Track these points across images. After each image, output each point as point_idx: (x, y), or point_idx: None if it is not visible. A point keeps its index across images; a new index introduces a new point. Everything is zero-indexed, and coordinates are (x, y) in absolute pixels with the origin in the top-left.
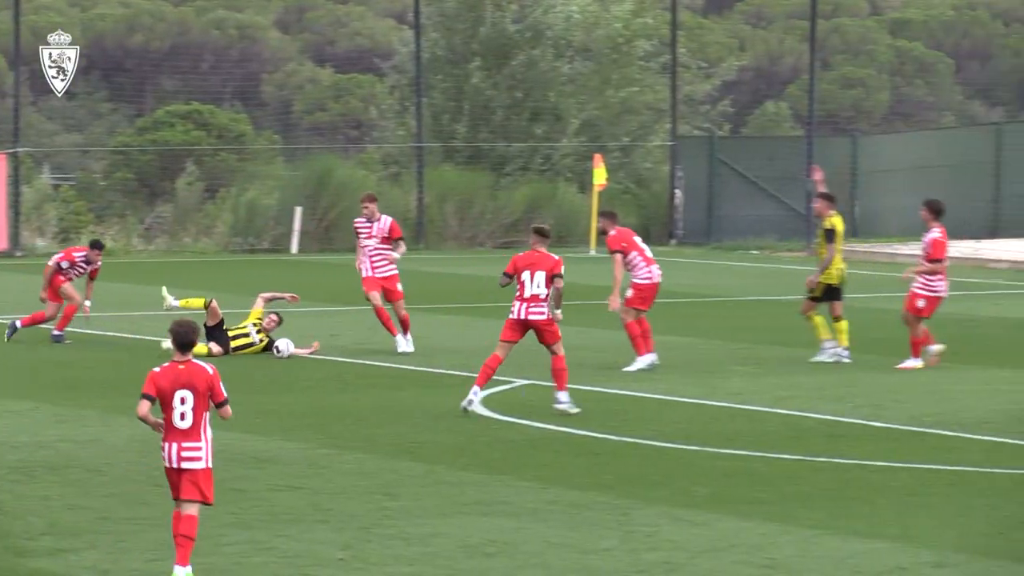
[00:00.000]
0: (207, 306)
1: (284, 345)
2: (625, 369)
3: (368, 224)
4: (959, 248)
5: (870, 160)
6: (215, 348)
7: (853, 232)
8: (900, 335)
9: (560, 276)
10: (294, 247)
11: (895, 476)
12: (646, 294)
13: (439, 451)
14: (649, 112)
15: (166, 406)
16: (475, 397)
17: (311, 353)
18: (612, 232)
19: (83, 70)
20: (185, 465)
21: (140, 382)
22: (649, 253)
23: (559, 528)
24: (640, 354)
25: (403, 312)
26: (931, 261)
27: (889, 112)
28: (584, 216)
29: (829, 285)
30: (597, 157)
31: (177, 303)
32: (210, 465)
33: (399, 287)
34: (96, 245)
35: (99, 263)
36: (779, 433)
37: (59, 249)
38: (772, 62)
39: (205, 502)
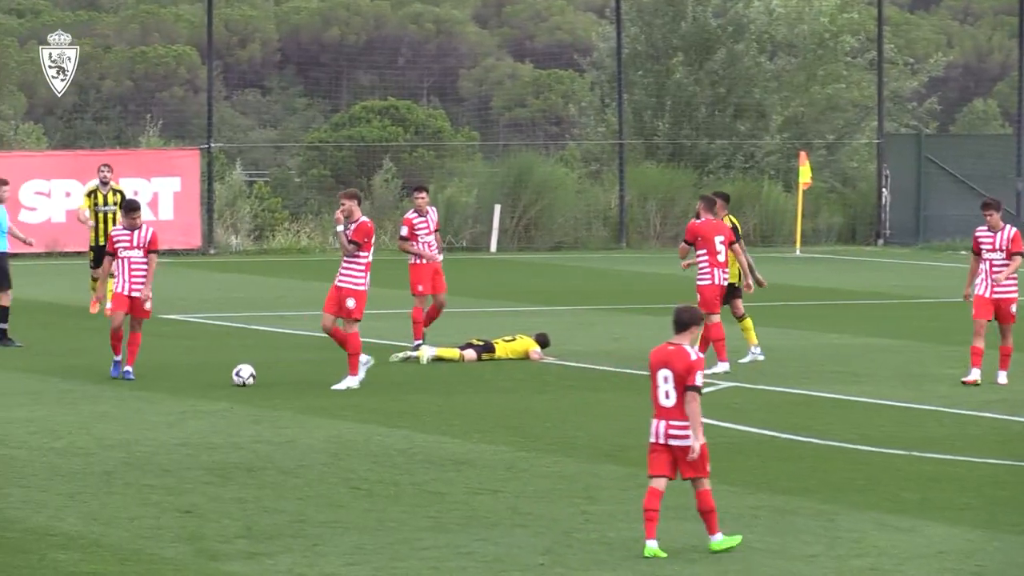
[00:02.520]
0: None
1: (426, 351)
2: (712, 371)
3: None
4: None
5: None
6: (469, 354)
7: None
8: None
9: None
10: (493, 246)
11: None
12: (707, 296)
13: (641, 454)
14: (855, 109)
15: (653, 383)
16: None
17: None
18: (701, 219)
19: (277, 65)
20: (672, 442)
21: (334, 383)
22: (721, 257)
23: (763, 534)
24: (722, 358)
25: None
26: None
27: None
28: (790, 215)
29: (731, 284)
30: (802, 155)
31: (434, 352)
32: (703, 440)
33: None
34: (419, 188)
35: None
36: (986, 437)
37: (254, 248)
38: (980, 59)
39: (705, 475)
